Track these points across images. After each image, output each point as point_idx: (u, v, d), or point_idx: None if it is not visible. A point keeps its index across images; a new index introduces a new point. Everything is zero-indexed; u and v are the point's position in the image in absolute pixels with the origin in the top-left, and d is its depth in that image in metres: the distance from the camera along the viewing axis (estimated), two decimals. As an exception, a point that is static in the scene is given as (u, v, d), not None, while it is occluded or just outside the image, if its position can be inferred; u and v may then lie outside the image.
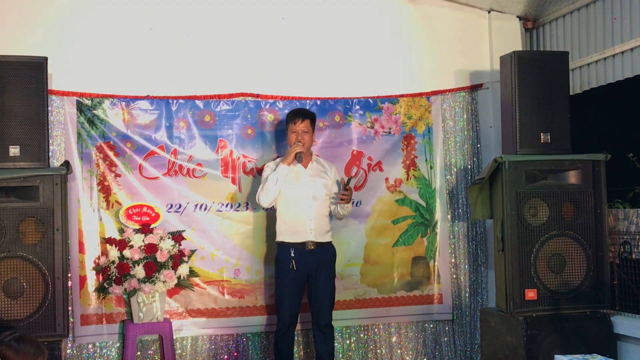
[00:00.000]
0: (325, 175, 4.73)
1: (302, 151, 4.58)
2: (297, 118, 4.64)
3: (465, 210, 5.37)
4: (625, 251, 4.58)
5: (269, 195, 4.55)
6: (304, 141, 4.61)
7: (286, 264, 4.55)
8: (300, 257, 4.54)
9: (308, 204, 4.60)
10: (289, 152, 4.58)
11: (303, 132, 4.63)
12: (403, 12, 5.43)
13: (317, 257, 4.58)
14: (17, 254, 4.03)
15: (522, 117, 4.61)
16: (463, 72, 5.49)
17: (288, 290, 4.56)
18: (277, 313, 4.66)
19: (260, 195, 4.59)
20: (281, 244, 4.62)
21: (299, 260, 4.53)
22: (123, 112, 4.83)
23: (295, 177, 4.61)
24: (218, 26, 5.05)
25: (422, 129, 5.37)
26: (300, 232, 4.58)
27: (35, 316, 4.03)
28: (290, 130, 4.66)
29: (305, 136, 4.63)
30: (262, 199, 4.59)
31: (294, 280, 4.56)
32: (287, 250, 4.56)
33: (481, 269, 5.40)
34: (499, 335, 4.63)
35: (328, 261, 4.66)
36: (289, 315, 4.59)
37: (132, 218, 4.70)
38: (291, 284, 4.56)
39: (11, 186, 4.06)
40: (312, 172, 4.69)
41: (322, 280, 4.60)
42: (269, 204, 4.61)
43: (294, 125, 4.63)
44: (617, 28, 4.80)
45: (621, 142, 5.14)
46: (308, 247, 4.56)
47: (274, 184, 4.52)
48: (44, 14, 4.74)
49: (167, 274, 4.55)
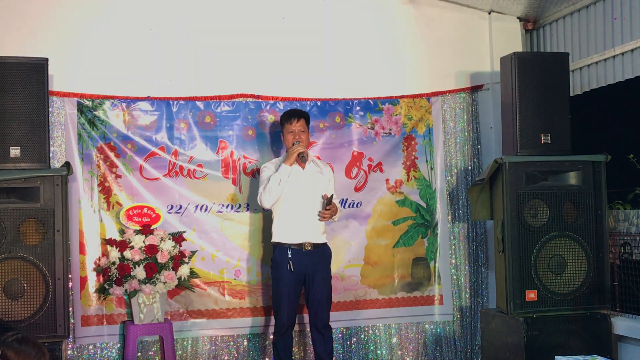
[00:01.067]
0: (321, 175, 4.73)
1: (304, 151, 4.58)
2: (293, 118, 4.63)
3: (465, 211, 5.37)
4: (625, 252, 4.58)
5: (272, 196, 4.53)
6: (301, 140, 4.61)
7: (283, 265, 4.54)
8: (298, 258, 4.53)
9: (305, 205, 4.60)
10: (291, 152, 4.56)
11: (300, 132, 4.62)
12: (403, 13, 5.43)
13: (314, 258, 4.58)
14: (18, 255, 4.03)
15: (523, 118, 4.61)
16: (463, 73, 5.49)
17: (287, 291, 4.55)
18: (276, 315, 4.65)
19: (263, 196, 4.57)
20: (278, 245, 4.61)
21: (297, 262, 4.53)
22: (124, 113, 4.83)
23: (294, 177, 4.60)
24: (218, 26, 5.05)
25: (423, 130, 5.37)
26: (298, 232, 4.57)
27: (35, 317, 4.03)
28: (286, 130, 4.65)
29: (302, 135, 4.63)
30: (265, 200, 4.57)
31: (291, 281, 4.55)
32: (285, 251, 4.55)
33: (481, 270, 5.40)
34: (500, 336, 4.64)
35: (324, 262, 4.66)
36: (288, 317, 4.58)
37: (132, 219, 4.70)
38: (289, 285, 4.55)
39: (12, 187, 4.06)
40: (310, 172, 4.68)
41: (319, 281, 4.60)
42: (271, 204, 4.59)
43: (290, 125, 4.62)
44: (617, 29, 4.80)
45: (621, 143, 5.15)
46: (305, 247, 4.55)
47: (277, 185, 4.51)
48: (44, 15, 4.74)
49: (168, 275, 4.55)
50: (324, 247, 4.67)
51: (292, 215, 4.58)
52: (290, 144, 4.61)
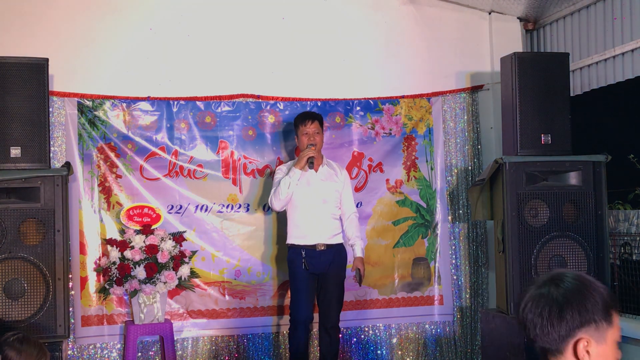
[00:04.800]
0: (335, 178, 4.74)
1: (314, 156, 4.59)
2: (307, 120, 4.64)
3: (465, 212, 5.37)
4: (625, 252, 4.58)
5: (282, 199, 4.55)
6: (316, 142, 4.62)
7: (298, 262, 4.57)
8: (311, 259, 4.56)
9: (319, 208, 4.62)
10: (301, 156, 4.58)
11: (315, 133, 4.64)
12: (403, 13, 5.43)
13: (328, 258, 4.60)
14: (18, 255, 4.02)
15: (523, 118, 4.60)
16: (463, 73, 5.49)
17: (304, 286, 4.56)
18: (292, 312, 4.62)
19: (273, 199, 4.59)
20: (292, 247, 4.64)
21: (310, 261, 4.55)
22: (124, 113, 4.83)
23: (307, 181, 4.62)
24: (218, 27, 5.05)
25: (423, 130, 5.37)
26: (311, 235, 4.60)
27: (36, 317, 4.02)
28: (301, 132, 4.66)
29: (317, 137, 4.64)
30: (275, 203, 4.59)
31: (306, 278, 4.57)
32: (299, 251, 4.58)
33: (482, 270, 5.40)
34: (500, 336, 4.63)
35: (338, 262, 4.67)
36: (305, 312, 4.58)
37: (133, 219, 4.70)
38: (304, 281, 4.57)
39: (12, 187, 4.06)
40: (323, 176, 4.69)
41: (332, 281, 4.62)
42: (281, 207, 4.62)
43: (305, 127, 4.63)
44: (617, 29, 4.80)
45: (622, 143, 5.15)
46: (318, 248, 4.58)
47: (286, 188, 4.52)
48: (45, 15, 4.74)
49: (168, 275, 4.55)
50: (338, 248, 4.69)
51: (305, 218, 4.61)
52: (304, 146, 4.61)
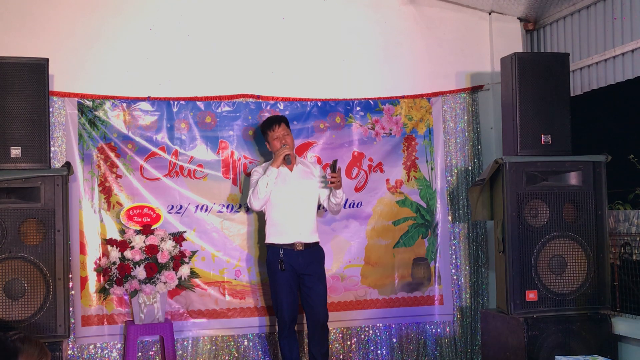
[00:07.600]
0: (311, 176, 4.77)
1: (290, 153, 4.63)
2: (274, 124, 4.71)
3: (466, 212, 5.37)
4: (625, 252, 4.58)
5: (261, 199, 4.59)
6: (287, 143, 4.66)
7: (276, 265, 4.60)
8: (289, 259, 4.58)
9: (295, 206, 4.65)
10: (277, 154, 4.63)
11: (285, 135, 4.70)
12: (403, 13, 5.43)
13: (306, 258, 4.62)
14: (18, 255, 4.02)
15: (523, 119, 4.61)
16: (464, 73, 5.50)
17: (284, 289, 4.59)
18: (277, 314, 4.66)
19: (252, 199, 4.63)
20: (270, 246, 4.67)
21: (288, 261, 4.57)
22: (124, 114, 4.84)
23: (282, 179, 4.65)
24: (218, 27, 5.05)
25: (423, 130, 5.37)
26: (289, 233, 4.62)
27: (36, 317, 4.02)
28: (271, 138, 4.71)
29: (287, 138, 4.70)
30: (254, 203, 4.63)
31: (286, 279, 4.59)
32: (277, 251, 4.61)
33: (482, 270, 5.40)
34: (500, 336, 4.63)
35: (317, 261, 4.69)
36: (290, 313, 4.61)
37: (133, 219, 4.70)
38: (286, 283, 4.59)
39: (12, 187, 4.06)
40: (299, 174, 4.73)
41: (314, 280, 4.64)
42: (260, 206, 4.65)
43: (274, 132, 4.70)
44: (617, 29, 4.81)
45: (622, 144, 5.15)
46: (296, 247, 4.60)
47: (264, 187, 4.57)
48: (45, 15, 4.75)
49: (168, 275, 4.55)
50: (316, 247, 4.71)
51: (283, 216, 4.63)
52: (278, 149, 4.65)
